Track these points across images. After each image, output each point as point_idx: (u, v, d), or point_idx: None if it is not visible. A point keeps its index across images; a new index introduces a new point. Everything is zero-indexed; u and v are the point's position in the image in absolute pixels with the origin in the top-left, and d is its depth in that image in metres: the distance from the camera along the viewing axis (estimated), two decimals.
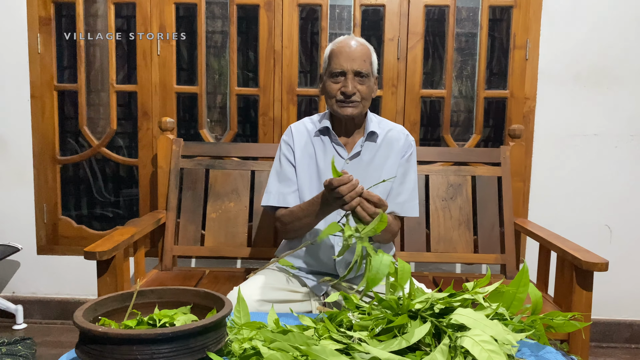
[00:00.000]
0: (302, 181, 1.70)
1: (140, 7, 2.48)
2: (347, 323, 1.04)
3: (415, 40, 2.46)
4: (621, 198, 2.52)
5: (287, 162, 1.71)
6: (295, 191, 1.68)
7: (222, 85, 2.64)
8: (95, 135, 2.64)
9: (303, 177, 1.70)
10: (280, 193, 1.68)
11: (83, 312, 0.95)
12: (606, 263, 1.66)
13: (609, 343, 2.59)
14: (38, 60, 2.54)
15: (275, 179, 1.72)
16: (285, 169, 1.71)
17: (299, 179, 1.70)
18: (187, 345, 0.89)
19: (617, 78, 2.47)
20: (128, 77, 2.79)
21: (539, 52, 2.46)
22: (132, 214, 2.78)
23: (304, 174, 1.70)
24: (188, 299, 1.09)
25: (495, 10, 2.64)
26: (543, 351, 1.08)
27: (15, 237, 2.61)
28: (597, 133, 2.50)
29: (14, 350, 2.11)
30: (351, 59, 1.61)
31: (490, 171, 2.29)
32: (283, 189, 1.68)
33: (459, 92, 2.65)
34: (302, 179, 1.70)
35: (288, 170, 1.71)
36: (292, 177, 1.70)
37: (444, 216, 2.25)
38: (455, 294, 1.04)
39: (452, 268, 2.58)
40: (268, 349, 0.91)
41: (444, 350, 0.88)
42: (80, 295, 2.68)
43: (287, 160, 1.72)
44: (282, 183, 1.70)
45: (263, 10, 2.46)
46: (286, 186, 1.69)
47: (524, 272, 1.07)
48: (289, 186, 1.69)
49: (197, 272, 2.25)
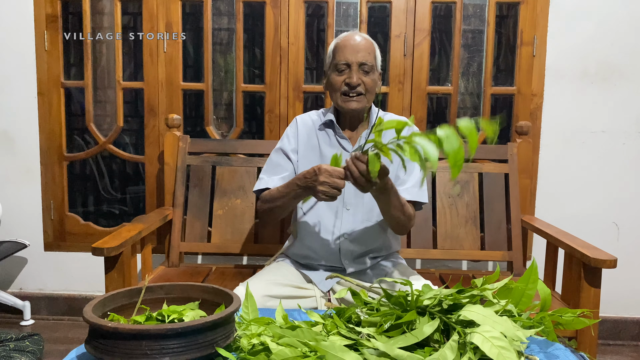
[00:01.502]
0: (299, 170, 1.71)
1: (146, 5, 2.48)
2: (355, 319, 1.04)
3: (422, 36, 2.45)
4: (629, 195, 2.51)
5: (281, 152, 1.76)
6: (282, 177, 1.70)
7: (228, 82, 2.64)
8: (101, 132, 2.64)
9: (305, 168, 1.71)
10: (266, 178, 1.72)
11: (92, 308, 0.95)
12: (614, 260, 1.65)
13: (616, 340, 2.58)
14: (45, 57, 2.55)
15: (265, 166, 1.77)
16: (276, 157, 1.75)
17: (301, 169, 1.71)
18: (196, 341, 0.89)
19: (625, 75, 2.45)
20: (134, 74, 2.79)
21: (547, 48, 2.44)
22: (139, 210, 2.79)
23: (308, 165, 1.71)
24: (196, 294, 1.09)
25: (502, 6, 2.62)
26: (552, 348, 1.07)
27: (22, 234, 2.62)
28: (605, 130, 2.49)
29: (22, 346, 2.12)
30: (355, 51, 1.63)
31: (497, 168, 2.28)
32: (268, 174, 1.73)
33: (465, 89, 2.64)
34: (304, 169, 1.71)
35: (280, 158, 1.75)
36: (284, 164, 1.73)
37: (450, 213, 2.25)
38: (463, 290, 1.04)
39: (458, 265, 2.58)
40: (277, 345, 0.91)
41: (454, 347, 0.88)
42: (87, 291, 2.69)
43: (282, 150, 1.75)
44: (270, 169, 1.75)
45: (269, 7, 2.46)
46: (273, 172, 1.73)
47: (533, 268, 1.06)
48: (276, 172, 1.72)
49: (204, 269, 2.26)
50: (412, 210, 1.65)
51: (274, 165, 1.75)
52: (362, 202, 1.68)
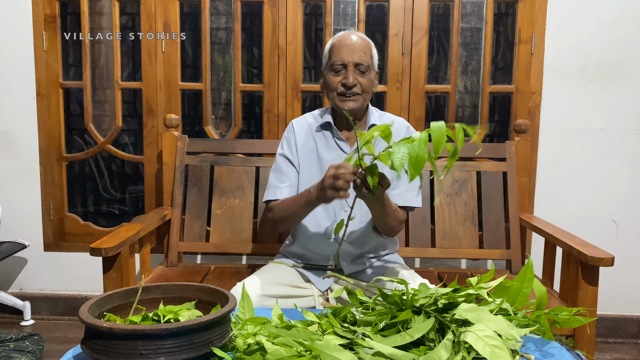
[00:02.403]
0: (305, 175, 1.71)
1: (144, 5, 2.49)
2: (350, 318, 1.04)
3: (420, 35, 2.45)
4: (628, 193, 2.50)
5: (283, 158, 1.75)
6: (289, 185, 1.71)
7: (227, 81, 2.64)
8: (100, 133, 2.65)
9: (305, 172, 1.71)
10: (275, 186, 1.72)
11: (88, 308, 0.96)
12: (612, 258, 1.65)
13: (615, 338, 2.58)
14: (43, 58, 2.55)
15: (273, 174, 1.76)
16: (281, 164, 1.75)
17: (301, 173, 1.71)
18: (191, 341, 0.90)
19: (623, 72, 2.45)
20: (133, 74, 2.79)
21: (545, 46, 2.44)
22: (138, 210, 2.80)
23: (306, 168, 1.71)
24: (192, 294, 1.10)
25: (500, 4, 2.62)
26: (548, 346, 1.08)
27: (22, 234, 2.63)
28: (604, 128, 2.48)
29: (22, 346, 2.13)
30: (352, 51, 1.62)
31: (496, 166, 2.28)
32: (277, 183, 1.72)
33: (464, 87, 2.64)
34: (304, 173, 1.71)
35: (284, 164, 1.74)
36: (288, 171, 1.73)
37: (449, 212, 2.25)
38: (459, 289, 1.04)
39: (457, 264, 2.58)
40: (272, 344, 0.91)
41: (448, 346, 0.88)
42: (87, 291, 2.70)
43: (284, 156, 1.75)
44: (277, 177, 1.74)
45: (267, 7, 2.46)
46: (280, 180, 1.72)
47: (528, 267, 1.06)
48: (283, 180, 1.72)
49: (203, 268, 2.26)
50: (402, 215, 1.65)
51: (280, 172, 1.74)
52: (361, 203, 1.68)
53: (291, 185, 1.71)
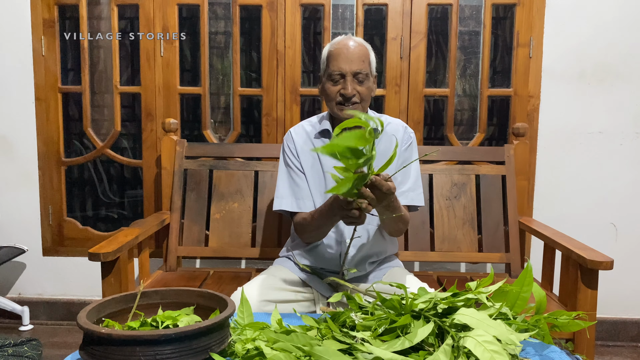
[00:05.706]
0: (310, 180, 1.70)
1: (143, 9, 2.49)
2: (350, 323, 1.04)
3: (418, 39, 2.45)
4: (626, 196, 2.51)
5: (294, 168, 1.72)
6: (308, 196, 1.69)
7: (226, 85, 2.64)
8: (99, 137, 2.65)
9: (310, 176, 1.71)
10: (295, 199, 1.69)
11: (87, 314, 0.95)
12: (611, 261, 1.65)
13: (615, 342, 2.58)
14: (42, 62, 2.55)
15: (285, 184, 1.72)
16: (294, 176, 1.72)
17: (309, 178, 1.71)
18: (190, 346, 0.89)
19: (621, 75, 2.45)
20: (132, 79, 2.80)
21: (543, 49, 2.45)
22: (137, 215, 2.79)
23: (309, 176, 1.71)
24: (191, 299, 1.10)
25: (498, 8, 2.63)
26: (547, 350, 1.08)
27: (20, 239, 2.62)
28: (602, 131, 2.49)
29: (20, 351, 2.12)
30: (349, 61, 1.60)
31: (495, 170, 2.28)
32: (296, 195, 1.70)
33: (462, 91, 2.64)
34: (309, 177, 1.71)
35: (297, 176, 1.71)
36: (302, 182, 1.71)
37: (448, 215, 2.25)
38: (458, 294, 1.04)
39: (456, 267, 2.57)
40: (271, 350, 0.91)
41: (447, 351, 0.88)
42: (86, 296, 2.69)
43: (294, 166, 1.72)
44: (294, 190, 1.71)
45: (266, 11, 2.46)
46: (299, 193, 1.70)
47: (527, 271, 1.06)
48: (301, 193, 1.70)
49: (202, 273, 2.26)
50: (408, 215, 1.65)
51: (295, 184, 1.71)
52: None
53: (308, 197, 1.69)
